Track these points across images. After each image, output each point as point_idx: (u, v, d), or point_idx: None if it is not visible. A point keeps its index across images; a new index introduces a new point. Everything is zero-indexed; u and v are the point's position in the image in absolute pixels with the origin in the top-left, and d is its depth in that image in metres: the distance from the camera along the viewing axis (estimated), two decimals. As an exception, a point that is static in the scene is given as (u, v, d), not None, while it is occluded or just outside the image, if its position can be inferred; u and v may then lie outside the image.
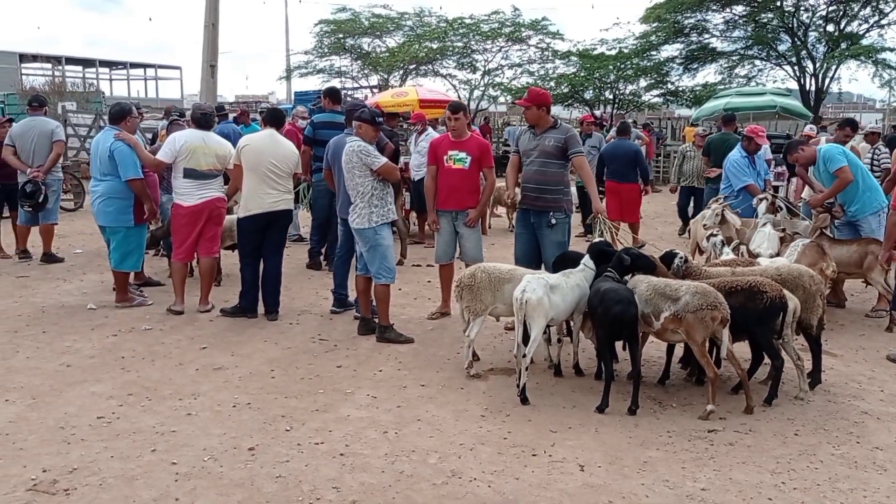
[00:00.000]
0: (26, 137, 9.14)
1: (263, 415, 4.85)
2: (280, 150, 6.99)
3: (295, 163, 7.11)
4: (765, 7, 27.95)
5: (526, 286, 5.16)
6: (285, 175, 7.00)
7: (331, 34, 32.96)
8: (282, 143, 7.08)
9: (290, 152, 7.10)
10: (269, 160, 6.88)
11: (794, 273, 5.62)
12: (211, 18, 17.81)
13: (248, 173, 6.88)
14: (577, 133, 6.49)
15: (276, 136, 7.11)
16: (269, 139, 7.02)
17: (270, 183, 6.91)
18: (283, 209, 7.04)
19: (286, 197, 7.05)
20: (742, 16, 29.07)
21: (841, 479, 4.10)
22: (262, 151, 6.90)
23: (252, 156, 6.88)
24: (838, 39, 27.50)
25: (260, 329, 6.75)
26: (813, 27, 28.14)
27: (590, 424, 4.77)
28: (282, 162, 6.95)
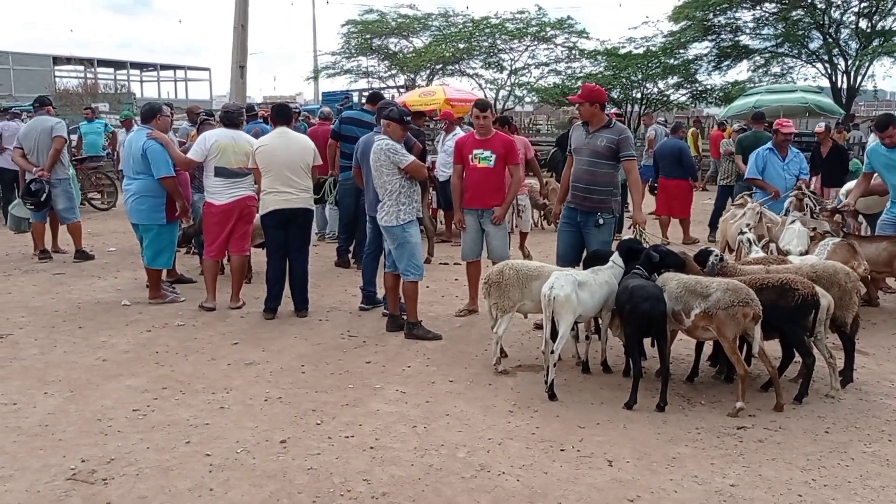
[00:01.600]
0: (30, 138, 9.39)
1: (294, 409, 4.92)
2: (292, 147, 6.96)
3: (310, 158, 7.05)
4: (795, 4, 27.59)
5: (554, 283, 5.18)
6: (301, 172, 6.96)
7: (358, 35, 33.13)
8: (294, 140, 7.04)
9: (303, 149, 7.03)
10: (281, 159, 6.87)
11: (829, 270, 5.58)
12: (240, 20, 18.00)
13: (265, 173, 6.91)
14: (630, 135, 6.38)
15: (288, 133, 7.08)
16: (280, 138, 6.98)
17: (286, 181, 6.90)
18: (300, 207, 7.01)
19: (303, 195, 7.00)
20: (772, 13, 28.70)
21: (872, 476, 4.07)
22: (275, 151, 6.90)
23: (265, 156, 6.90)
24: (871, 36, 27.07)
25: (290, 325, 6.84)
26: (844, 24, 27.71)
27: (618, 420, 4.78)
28: (295, 159, 6.92)
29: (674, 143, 11.67)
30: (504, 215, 6.89)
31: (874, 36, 26.86)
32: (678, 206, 11.42)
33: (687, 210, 11.58)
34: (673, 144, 11.57)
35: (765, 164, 8.65)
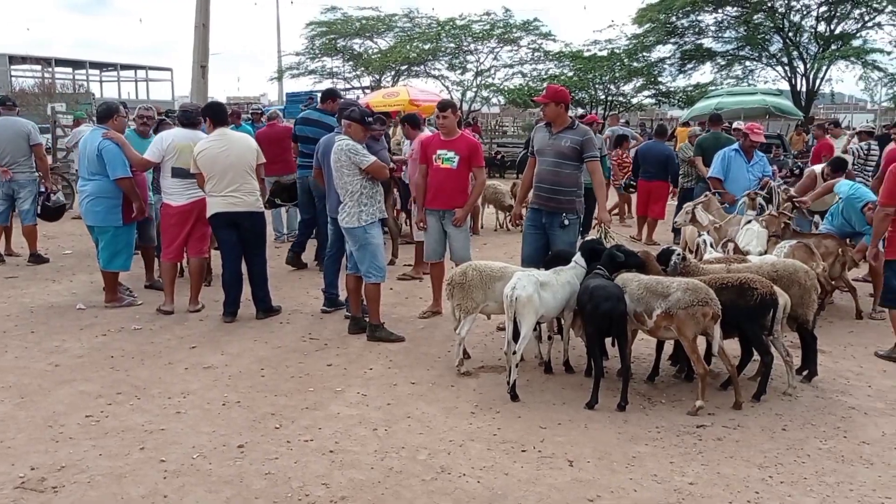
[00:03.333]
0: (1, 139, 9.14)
1: (253, 413, 4.84)
2: (234, 149, 6.78)
3: (253, 159, 6.89)
4: (757, 8, 28.08)
5: (516, 283, 5.17)
6: (245, 174, 6.79)
7: (322, 35, 32.94)
8: (235, 142, 6.85)
9: (245, 150, 6.86)
10: (223, 162, 6.70)
11: (789, 269, 5.67)
12: (202, 19, 17.77)
13: (208, 177, 6.72)
14: (594, 136, 6.39)
15: (228, 134, 6.88)
16: (221, 140, 6.78)
17: (230, 184, 6.72)
18: (245, 211, 6.82)
19: (249, 198, 6.82)
20: (734, 16, 29.19)
21: (828, 472, 4.12)
22: (216, 155, 6.70)
23: (207, 161, 6.69)
24: (829, 40, 27.65)
25: (250, 328, 6.74)
26: (804, 28, 28.27)
27: (579, 420, 4.78)
28: (238, 161, 6.75)
29: (661, 147, 11.90)
30: (465, 217, 6.84)
31: (832, 40, 27.45)
32: (657, 208, 11.68)
33: (661, 209, 11.80)
34: (660, 149, 11.81)
35: (729, 165, 8.76)
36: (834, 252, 6.94)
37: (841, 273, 7.16)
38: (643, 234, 11.83)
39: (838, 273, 7.13)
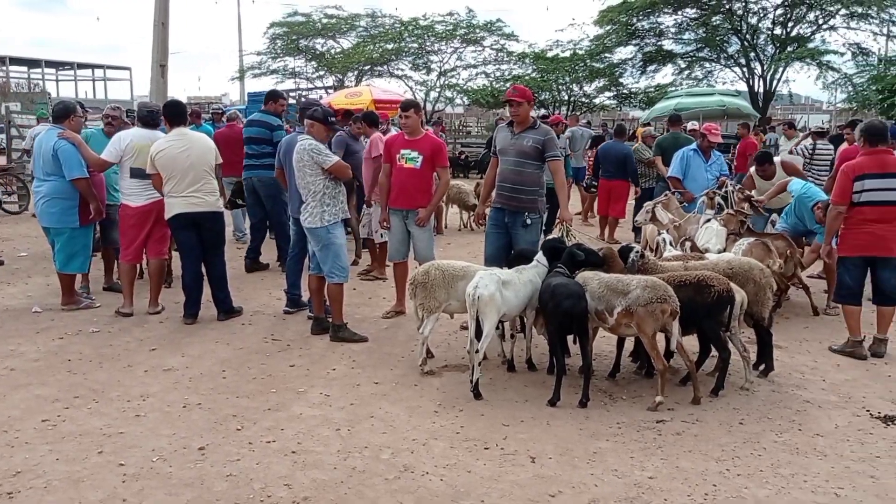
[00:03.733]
0: None
1: (214, 415, 4.80)
2: (193, 149, 6.70)
3: (212, 158, 6.83)
4: (715, 10, 28.54)
5: (478, 282, 5.19)
6: (204, 174, 6.73)
7: (284, 36, 32.70)
8: (194, 142, 6.78)
9: (204, 149, 6.80)
10: (182, 162, 6.63)
11: (744, 267, 5.78)
12: (161, 17, 17.44)
13: (167, 178, 6.65)
14: (555, 136, 6.44)
15: (187, 134, 6.82)
16: (179, 140, 6.71)
17: (190, 185, 6.67)
18: (206, 211, 6.77)
19: (209, 199, 6.77)
20: (693, 19, 29.63)
21: (783, 464, 4.21)
22: (174, 155, 6.62)
23: (166, 161, 6.61)
24: (786, 42, 28.21)
25: (211, 330, 6.67)
26: (761, 30, 28.81)
27: (541, 417, 4.82)
28: (197, 161, 6.68)
29: (620, 147, 12.02)
30: (429, 217, 6.84)
31: (789, 42, 28.01)
32: (618, 207, 11.83)
33: (621, 208, 11.95)
34: (620, 149, 11.93)
35: (688, 165, 8.91)
36: (784, 253, 7.09)
37: (794, 272, 7.30)
38: (605, 233, 11.96)
39: (791, 273, 7.27)
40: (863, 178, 6.08)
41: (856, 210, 6.13)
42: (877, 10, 26.72)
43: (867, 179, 6.08)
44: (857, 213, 6.14)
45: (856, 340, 6.22)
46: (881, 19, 27.30)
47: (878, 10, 26.75)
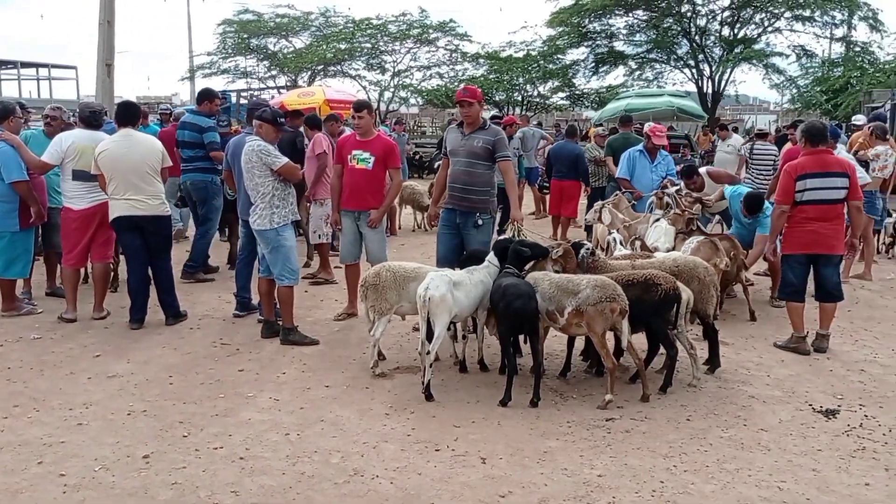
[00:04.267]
0: None
1: (160, 422, 4.70)
2: (137, 150, 6.57)
3: (157, 161, 6.68)
4: (665, 12, 28.99)
5: (429, 283, 5.18)
6: (148, 176, 6.59)
7: (234, 34, 32.28)
8: (139, 143, 6.64)
9: (149, 151, 6.65)
10: (126, 164, 6.49)
11: (689, 265, 5.88)
12: (106, 16, 17.07)
13: (109, 179, 6.51)
14: (505, 136, 6.46)
15: (133, 135, 6.67)
16: (125, 140, 6.57)
17: (132, 186, 6.53)
18: (149, 215, 6.62)
19: (152, 202, 6.61)
20: (644, 20, 30.05)
21: (728, 459, 4.29)
22: (118, 155, 6.48)
23: (108, 161, 6.47)
24: (733, 43, 28.79)
25: (158, 335, 6.54)
26: (709, 32, 29.36)
27: (493, 418, 4.83)
28: (141, 163, 6.55)
29: (571, 147, 12.09)
30: (380, 218, 6.80)
31: (736, 43, 28.60)
32: (566, 205, 11.89)
33: (573, 208, 12.03)
34: (571, 149, 11.99)
35: (634, 165, 9.04)
36: (728, 253, 7.21)
37: (737, 274, 7.43)
38: (557, 232, 12.04)
39: (734, 275, 7.40)
40: (804, 177, 6.22)
41: (798, 209, 6.27)
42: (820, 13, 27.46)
43: (808, 179, 6.22)
44: (799, 211, 6.28)
45: (799, 336, 6.37)
46: (824, 22, 28.06)
47: (822, 13, 27.50)
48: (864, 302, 8.06)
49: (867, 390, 5.47)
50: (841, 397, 5.31)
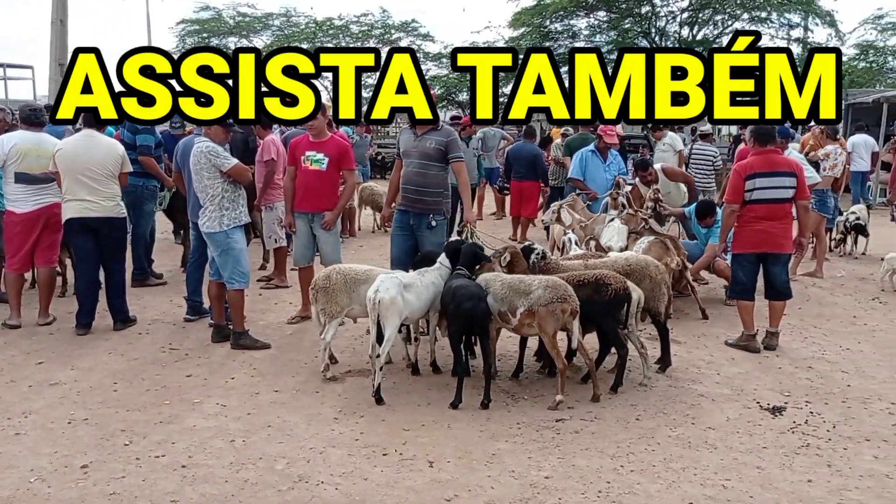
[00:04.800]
0: None
1: (101, 430, 4.59)
2: (97, 151, 6.48)
3: (116, 164, 6.59)
4: (625, 14, 29.23)
5: (379, 286, 5.13)
6: (105, 178, 6.49)
7: (194, 34, 31.82)
8: (101, 145, 6.55)
9: (109, 153, 6.56)
10: (82, 163, 6.40)
11: (641, 264, 5.92)
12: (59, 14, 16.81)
13: (65, 178, 6.41)
14: (458, 137, 6.43)
15: (95, 136, 6.57)
16: (85, 141, 6.49)
17: (87, 188, 6.42)
18: (101, 216, 6.51)
19: (106, 203, 6.52)
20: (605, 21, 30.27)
21: (675, 458, 4.31)
22: (76, 155, 6.41)
23: (65, 160, 6.39)
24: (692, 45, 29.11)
25: (105, 341, 6.39)
26: (668, 34, 29.67)
27: (443, 421, 4.80)
28: (99, 165, 6.45)
29: (530, 147, 12.12)
30: (334, 220, 6.72)
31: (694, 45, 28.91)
32: (526, 206, 11.93)
33: (533, 209, 12.05)
34: (529, 149, 12.02)
35: (586, 165, 9.09)
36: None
37: (681, 275, 7.49)
38: (518, 233, 12.06)
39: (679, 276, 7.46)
40: (753, 176, 6.30)
41: (747, 208, 6.34)
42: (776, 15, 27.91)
43: (757, 178, 6.29)
44: (748, 210, 6.35)
45: (749, 334, 6.44)
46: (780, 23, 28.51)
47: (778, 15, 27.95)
48: (814, 299, 8.19)
49: (814, 387, 5.54)
50: (788, 394, 5.38)
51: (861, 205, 11.49)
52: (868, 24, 29.02)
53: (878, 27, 28.90)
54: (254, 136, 8.97)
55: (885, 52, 28.76)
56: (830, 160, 9.21)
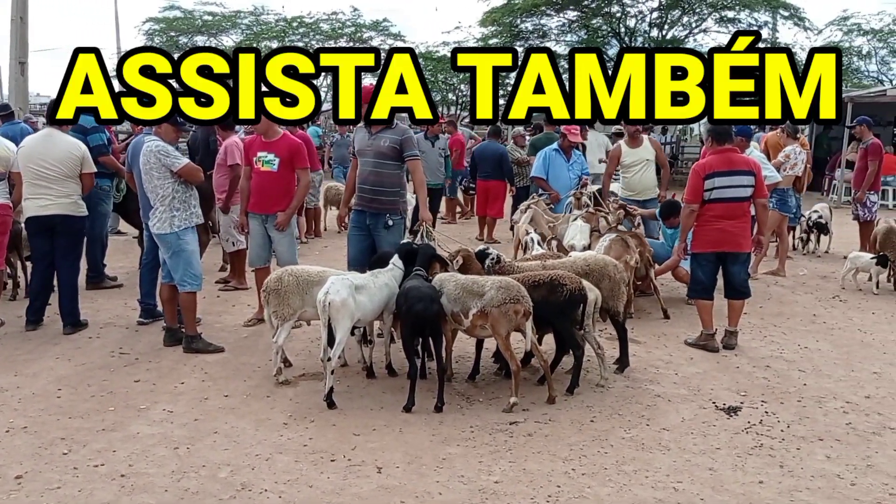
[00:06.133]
0: None
1: (40, 438, 4.44)
2: (55, 149, 6.40)
3: (75, 164, 6.48)
4: (595, 13, 29.32)
5: (329, 287, 5.03)
6: (61, 177, 6.39)
7: (161, 32, 31.40)
8: (59, 143, 6.46)
9: (67, 153, 6.45)
10: (38, 161, 6.35)
11: (600, 264, 5.88)
12: (18, 12, 16.38)
13: (24, 175, 6.41)
14: (413, 135, 6.33)
15: (56, 135, 6.48)
16: (45, 139, 6.44)
17: (42, 185, 6.37)
18: (57, 214, 6.43)
19: (62, 201, 6.43)
20: (574, 21, 30.34)
21: (627, 461, 4.26)
22: (32, 152, 6.39)
23: (23, 158, 6.38)
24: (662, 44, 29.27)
25: (53, 345, 6.22)
26: (638, 32, 29.81)
27: (395, 425, 4.71)
28: (57, 163, 6.37)
29: (495, 147, 12.07)
30: (287, 221, 6.57)
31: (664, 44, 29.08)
32: (492, 205, 11.88)
33: (499, 208, 11.99)
34: (495, 149, 11.97)
35: (550, 164, 9.04)
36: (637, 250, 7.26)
37: (646, 273, 7.48)
38: (484, 232, 12.00)
39: (644, 273, 7.45)
40: (712, 176, 6.29)
41: (706, 207, 6.33)
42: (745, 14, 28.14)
43: (716, 177, 6.28)
44: (707, 209, 6.34)
45: (708, 334, 6.42)
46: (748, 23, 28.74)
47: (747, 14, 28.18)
48: (775, 298, 8.21)
49: (770, 386, 5.53)
50: (744, 394, 5.36)
51: (823, 203, 11.57)
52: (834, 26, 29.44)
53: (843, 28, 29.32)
54: (215, 136, 8.81)
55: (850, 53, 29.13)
56: (791, 160, 9.24)
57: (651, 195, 8.63)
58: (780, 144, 10.00)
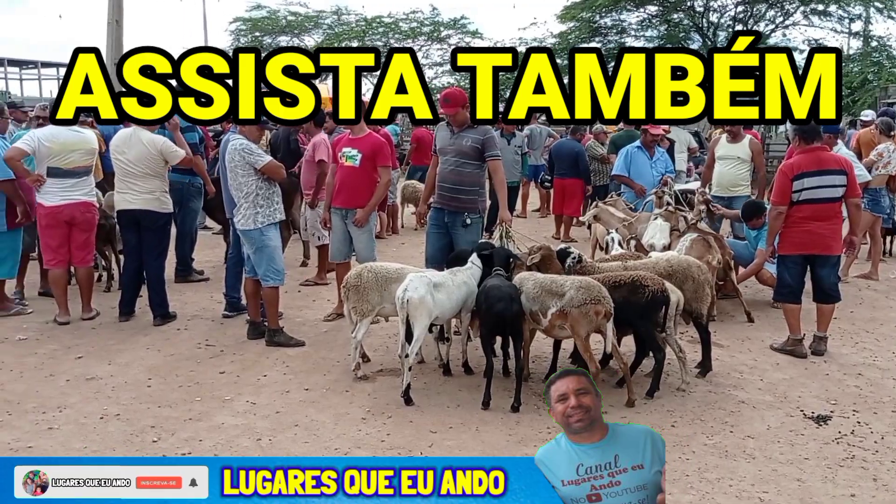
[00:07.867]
0: None
1: (132, 426, 4.63)
2: (133, 149, 6.62)
3: (153, 161, 6.67)
4: (676, 7, 28.67)
5: (408, 285, 5.08)
6: (142, 175, 6.64)
7: (247, 32, 32.28)
8: (137, 142, 6.64)
9: (145, 151, 6.63)
10: (122, 157, 6.64)
11: (683, 265, 5.75)
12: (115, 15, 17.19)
13: (115, 170, 6.80)
14: (495, 135, 6.34)
15: (137, 133, 6.65)
16: (128, 137, 6.67)
17: (128, 181, 6.67)
18: (140, 208, 6.70)
19: (145, 197, 6.67)
20: (655, 15, 29.74)
21: (710, 468, 4.15)
22: (118, 148, 6.69)
23: (113, 152, 6.73)
24: (743, 40, 28.39)
25: (144, 336, 6.47)
26: (721, 27, 28.99)
27: (471, 423, 4.72)
28: (136, 161, 6.61)
29: (572, 145, 11.94)
30: (366, 217, 6.65)
31: (749, 39, 28.18)
32: (569, 204, 11.75)
33: (576, 207, 11.86)
34: (571, 147, 11.85)
35: (632, 162, 8.87)
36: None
37: (727, 275, 7.26)
38: (560, 231, 11.89)
39: (724, 276, 7.23)
40: (801, 176, 6.04)
41: (795, 208, 6.09)
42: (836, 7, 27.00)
43: (805, 178, 6.04)
44: (795, 211, 6.09)
45: (796, 339, 6.19)
46: (839, 16, 27.60)
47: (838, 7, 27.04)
48: (867, 302, 7.86)
49: (862, 395, 5.30)
50: (835, 402, 5.15)
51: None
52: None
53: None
54: (296, 136, 9.00)
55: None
56: (884, 158, 8.82)
57: (737, 193, 8.35)
58: (872, 142, 9.56)
